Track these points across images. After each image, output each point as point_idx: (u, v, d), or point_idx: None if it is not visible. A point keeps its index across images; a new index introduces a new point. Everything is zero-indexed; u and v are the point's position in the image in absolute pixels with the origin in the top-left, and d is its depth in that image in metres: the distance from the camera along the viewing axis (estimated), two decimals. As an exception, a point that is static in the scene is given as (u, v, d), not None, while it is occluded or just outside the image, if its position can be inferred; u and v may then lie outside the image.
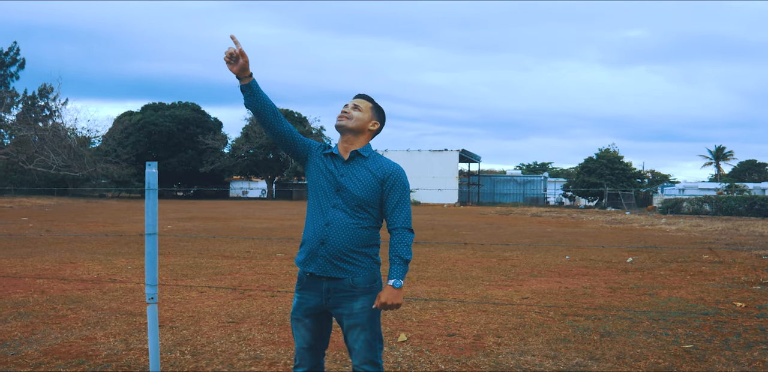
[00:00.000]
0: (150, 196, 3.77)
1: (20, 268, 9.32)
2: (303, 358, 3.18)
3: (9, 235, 14.90)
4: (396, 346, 5.13)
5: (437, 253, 12.37)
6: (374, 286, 3.07)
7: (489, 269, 10.04)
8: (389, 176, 3.06)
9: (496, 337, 5.44)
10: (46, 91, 55.56)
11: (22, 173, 50.96)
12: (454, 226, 21.91)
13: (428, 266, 10.29)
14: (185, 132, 60.45)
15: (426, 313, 6.42)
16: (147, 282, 3.81)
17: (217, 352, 4.87)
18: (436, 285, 8.37)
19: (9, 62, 57.13)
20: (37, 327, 5.57)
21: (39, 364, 4.46)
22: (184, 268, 9.68)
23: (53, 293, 7.22)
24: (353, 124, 3.10)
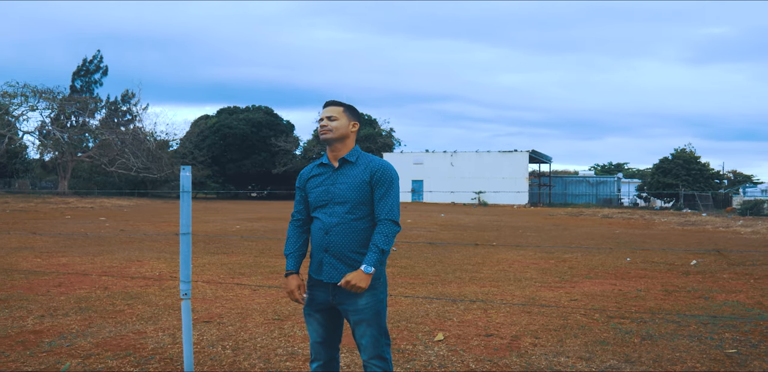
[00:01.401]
0: (184, 198, 3.97)
1: (90, 265, 9.81)
2: (317, 352, 3.32)
3: (86, 234, 15.63)
4: (431, 345, 5.20)
5: (495, 254, 12.34)
6: (378, 283, 3.18)
7: (544, 271, 9.98)
8: (375, 172, 3.17)
9: (533, 338, 5.45)
10: (128, 97, 57.89)
11: (105, 175, 53.13)
12: (520, 227, 21.72)
13: (483, 267, 10.30)
14: (258, 135, 61.74)
15: (469, 314, 6.47)
16: (181, 279, 4.01)
17: (257, 347, 5.05)
18: (486, 286, 8.39)
19: (93, 70, 59.76)
20: (94, 321, 5.90)
21: (89, 355, 4.74)
22: (243, 266, 9.98)
23: (115, 289, 7.59)
24: (336, 134, 3.24)
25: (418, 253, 12.43)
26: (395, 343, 5.24)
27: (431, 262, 10.85)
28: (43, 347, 4.93)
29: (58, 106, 49.57)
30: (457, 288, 8.19)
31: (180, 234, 4.01)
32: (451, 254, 12.21)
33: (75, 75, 59.23)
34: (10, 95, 46.67)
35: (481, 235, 17.72)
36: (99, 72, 59.89)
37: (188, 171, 3.98)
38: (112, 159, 49.01)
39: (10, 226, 18.35)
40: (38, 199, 35.71)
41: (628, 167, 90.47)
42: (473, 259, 11.35)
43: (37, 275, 8.62)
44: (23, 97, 47.27)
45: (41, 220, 21.53)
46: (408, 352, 4.98)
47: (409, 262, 10.92)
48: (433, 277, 9.17)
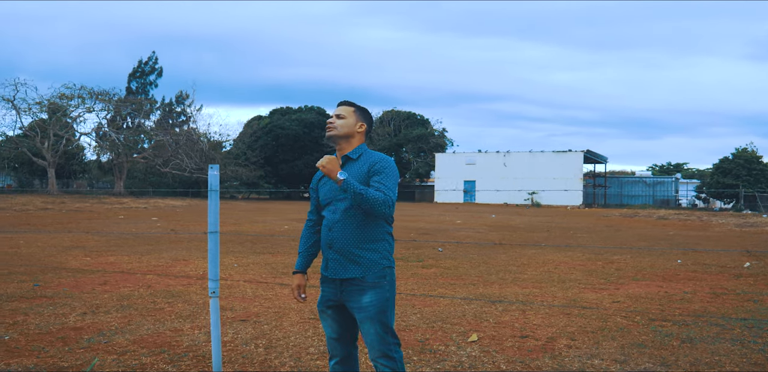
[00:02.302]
0: (212, 197, 4.01)
1: (136, 264, 10.01)
2: (334, 349, 3.34)
3: (137, 234, 15.98)
4: (464, 345, 5.14)
5: (542, 255, 12.17)
6: (383, 281, 3.17)
7: (590, 272, 9.79)
8: (374, 164, 3.17)
9: (569, 340, 5.34)
10: (182, 98, 58.97)
11: (159, 176, 54.26)
12: (571, 228, 21.39)
13: (528, 268, 10.16)
14: (310, 135, 62.21)
15: (506, 315, 6.38)
16: (209, 277, 4.05)
17: (289, 345, 5.07)
18: (528, 287, 8.27)
19: (148, 71, 61.01)
20: (133, 318, 6.01)
21: (125, 351, 4.83)
22: (286, 266, 10.05)
23: (158, 288, 7.73)
24: (340, 132, 3.27)
25: (463, 253, 12.34)
26: (428, 343, 5.20)
27: (476, 263, 10.76)
28: (81, 343, 5.04)
29: (114, 108, 50.80)
30: (498, 289, 8.10)
31: (208, 232, 4.05)
32: (497, 255, 12.08)
33: (131, 77, 60.59)
34: (68, 97, 48.00)
35: (530, 236, 17.50)
36: (154, 73, 61.11)
37: (216, 170, 4.02)
38: (167, 160, 50.01)
39: (64, 226, 18.89)
40: (94, 200, 36.69)
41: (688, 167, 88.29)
42: (519, 260, 11.21)
43: (85, 273, 8.84)
44: (80, 98, 48.59)
45: (95, 220, 22.11)
46: (440, 352, 4.93)
47: (454, 262, 10.84)
48: (476, 278, 9.09)
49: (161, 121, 54.68)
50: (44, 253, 11.30)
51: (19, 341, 5.08)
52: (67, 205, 31.52)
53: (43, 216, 24.28)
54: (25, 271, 8.91)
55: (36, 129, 47.45)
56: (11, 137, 49.59)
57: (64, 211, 27.51)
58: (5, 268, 9.17)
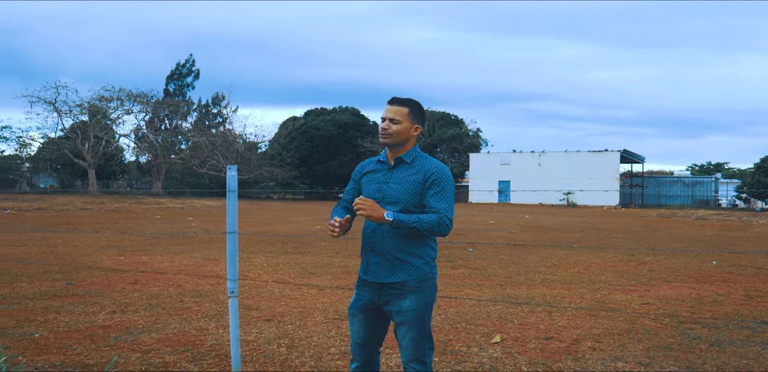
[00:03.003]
0: (230, 197, 4.05)
1: (168, 263, 10.16)
2: (356, 353, 3.30)
3: (171, 234, 16.21)
4: (486, 346, 5.12)
5: (573, 256, 12.04)
6: (424, 285, 3.13)
7: (621, 273, 9.66)
8: (431, 175, 3.09)
9: (594, 342, 5.28)
10: (219, 100, 59.68)
11: (196, 176, 54.98)
12: (606, 229, 21.13)
13: (558, 269, 10.07)
14: (345, 136, 62.43)
15: (532, 316, 6.33)
16: (228, 277, 4.08)
17: (311, 345, 5.10)
18: (557, 288, 8.19)
19: (186, 73, 61.87)
20: (161, 317, 6.09)
21: (150, 350, 4.90)
22: (315, 266, 10.10)
23: (186, 287, 7.83)
24: (395, 139, 3.15)
25: (494, 254, 12.27)
26: (450, 344, 5.19)
27: (505, 264, 10.69)
28: (108, 342, 5.13)
29: (152, 110, 51.61)
30: (526, 290, 8.03)
31: (227, 232, 4.09)
32: (527, 256, 11.99)
33: (168, 79, 61.51)
34: (107, 99, 48.94)
35: (563, 236, 17.34)
36: (191, 75, 61.95)
37: (234, 171, 4.06)
38: (203, 160, 50.65)
39: (102, 226, 19.24)
40: (132, 200, 37.29)
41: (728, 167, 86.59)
42: (549, 261, 11.11)
43: (117, 273, 8.99)
44: (119, 101, 49.49)
45: (132, 220, 22.47)
46: (462, 353, 4.91)
47: (483, 263, 10.79)
48: (504, 278, 9.03)
49: (198, 123, 55.42)
50: (80, 253, 11.52)
51: (48, 339, 5.19)
52: (106, 205, 32.09)
53: (82, 216, 24.76)
54: (60, 270, 9.10)
55: (77, 131, 48.45)
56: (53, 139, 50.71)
57: (102, 211, 28.01)
58: (41, 267, 9.37)
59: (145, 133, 51.02)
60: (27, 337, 5.21)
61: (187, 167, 53.33)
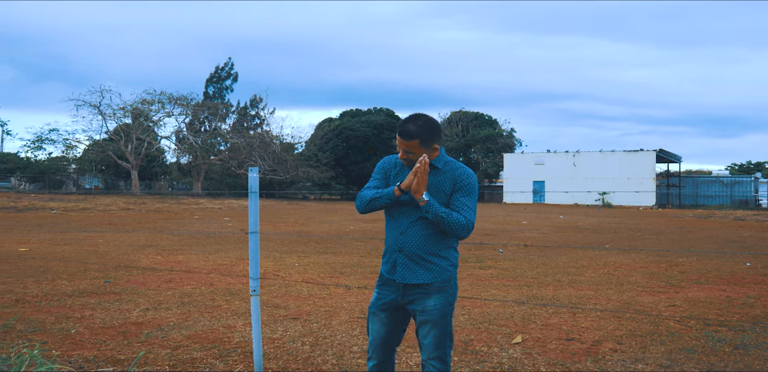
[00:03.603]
0: (252, 198, 4.20)
1: (203, 262, 10.40)
2: (375, 351, 3.41)
3: (208, 234, 16.52)
4: (507, 347, 5.19)
5: (604, 257, 12.00)
6: (448, 285, 3.25)
7: (651, 275, 9.61)
8: (458, 179, 3.22)
9: (616, 344, 5.31)
10: (256, 102, 60.38)
11: (235, 177, 55.63)
12: (639, 229, 20.92)
13: (587, 270, 10.06)
14: (380, 137, 62.60)
15: (555, 317, 6.37)
16: (250, 276, 4.23)
17: (334, 344, 5.23)
18: (584, 289, 8.20)
19: (225, 76, 62.71)
20: (191, 315, 6.28)
21: (179, 346, 5.08)
22: (345, 266, 10.24)
23: (218, 286, 8.03)
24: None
25: (523, 255, 12.29)
26: (471, 344, 5.27)
27: (534, 265, 10.71)
28: (140, 338, 5.33)
29: (192, 112, 52.45)
30: (552, 291, 8.06)
31: (249, 232, 4.24)
32: (557, 256, 11.98)
33: (208, 82, 62.42)
34: (149, 102, 49.88)
35: (595, 237, 17.24)
36: (230, 78, 62.76)
37: (255, 172, 4.21)
38: (241, 162, 51.26)
39: (142, 225, 19.67)
40: (173, 200, 37.95)
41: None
42: (579, 262, 11.10)
43: (153, 271, 9.24)
44: (160, 103, 50.39)
45: (171, 220, 22.92)
46: (482, 353, 4.99)
47: (512, 264, 10.82)
48: (531, 279, 9.06)
49: (236, 125, 56.14)
50: (119, 252, 11.84)
51: (83, 334, 5.41)
52: (147, 205, 32.72)
53: (124, 216, 25.32)
54: (99, 269, 9.39)
55: (120, 133, 49.46)
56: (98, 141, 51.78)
57: (143, 212, 28.59)
58: (82, 266, 9.68)
59: (186, 135, 51.81)
60: (64, 333, 5.44)
61: (225, 168, 54.01)
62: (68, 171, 59.61)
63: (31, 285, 7.89)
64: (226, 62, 62.90)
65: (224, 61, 63.79)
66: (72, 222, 21.15)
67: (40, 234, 15.88)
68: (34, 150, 51.94)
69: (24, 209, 27.93)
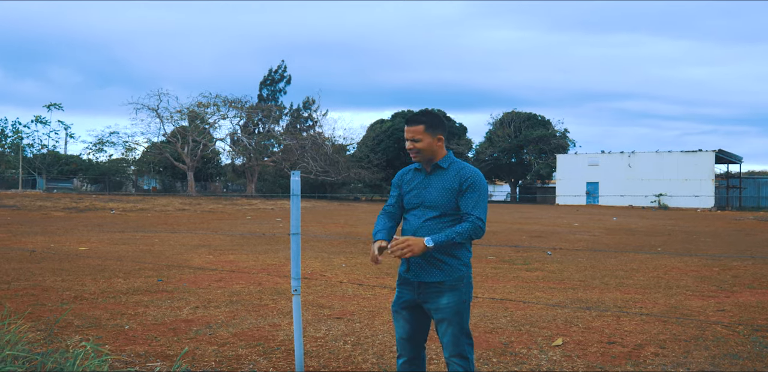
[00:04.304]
0: (294, 201, 4.33)
1: (253, 262, 10.63)
2: (403, 348, 3.52)
3: (259, 234, 16.83)
4: (547, 349, 5.21)
5: (655, 260, 11.83)
6: (460, 284, 3.33)
7: (702, 279, 9.45)
8: (466, 180, 3.31)
9: (658, 348, 5.28)
10: (309, 104, 61.04)
11: (287, 179, 56.32)
12: (695, 232, 20.48)
13: (636, 273, 9.94)
14: (432, 138, 62.56)
15: (598, 320, 6.35)
16: (292, 276, 4.36)
17: (376, 343, 5.33)
18: (631, 292, 8.13)
19: (278, 79, 63.57)
20: (239, 313, 6.47)
21: (225, 343, 5.26)
22: (391, 267, 10.34)
23: (266, 285, 8.22)
24: (423, 155, 3.39)
25: (572, 257, 12.19)
26: (511, 345, 5.31)
27: (582, 267, 10.63)
28: (189, 334, 5.52)
29: (246, 115, 53.37)
30: (598, 294, 8.01)
31: (291, 234, 4.37)
32: (606, 259, 11.86)
33: (262, 84, 63.38)
34: (204, 105, 50.98)
35: (648, 240, 16.96)
36: (283, 81, 63.61)
37: (297, 176, 4.35)
38: (294, 163, 51.94)
39: (197, 226, 20.15)
40: (227, 201, 38.68)
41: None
42: (628, 265, 10.97)
43: (204, 271, 9.51)
44: (215, 106, 51.44)
45: (224, 221, 23.39)
46: (521, 355, 5.03)
47: (559, 266, 10.77)
48: (578, 282, 9.02)
49: (289, 127, 56.88)
50: (173, 251, 12.19)
51: (136, 330, 5.63)
52: (202, 206, 33.44)
53: (180, 216, 25.94)
54: (153, 268, 9.70)
55: (177, 135, 50.67)
56: (156, 143, 53.12)
57: (198, 212, 29.24)
58: (137, 265, 10.01)
59: (240, 137, 52.78)
60: (118, 328, 5.68)
61: (278, 170, 54.80)
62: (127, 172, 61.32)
63: (89, 283, 8.22)
64: (279, 65, 63.80)
65: (277, 64, 64.76)
66: (130, 222, 21.79)
67: (100, 234, 16.43)
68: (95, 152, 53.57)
69: (85, 210, 28.87)
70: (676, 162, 49.80)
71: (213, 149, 54.79)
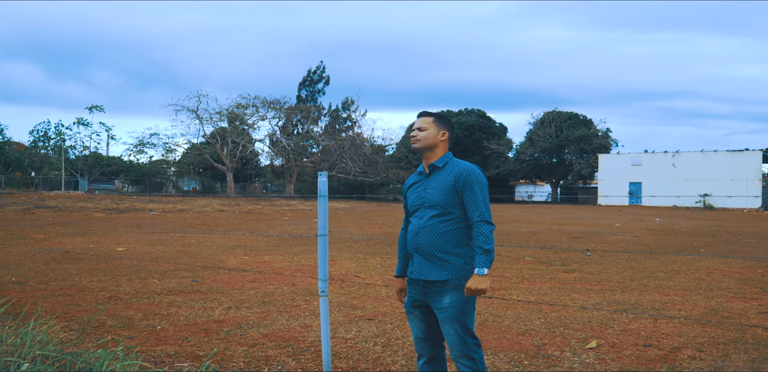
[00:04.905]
0: (321, 202, 4.30)
1: (287, 263, 10.67)
2: (421, 348, 3.51)
3: (296, 235, 16.91)
4: (580, 352, 5.10)
5: (697, 261, 11.55)
6: (463, 283, 3.30)
7: (745, 281, 9.19)
8: (459, 176, 3.32)
9: (695, 351, 5.13)
10: (348, 104, 61.29)
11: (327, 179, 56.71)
12: (740, 233, 19.98)
13: (677, 275, 9.72)
14: (471, 138, 62.36)
15: (635, 322, 6.21)
16: (319, 277, 4.34)
17: (406, 345, 5.28)
18: (670, 294, 7.94)
19: (317, 80, 63.98)
20: (271, 314, 6.48)
21: (255, 344, 5.26)
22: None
23: (300, 286, 8.23)
24: (424, 143, 3.44)
25: (612, 259, 11.97)
26: (544, 348, 5.21)
27: (621, 269, 10.43)
28: (220, 335, 5.54)
29: (285, 116, 53.78)
30: (636, 296, 7.84)
31: (318, 235, 4.35)
32: (647, 261, 11.62)
33: (301, 85, 63.89)
34: (243, 106, 51.51)
35: (691, 241, 16.58)
36: (322, 82, 64.03)
37: (324, 177, 4.31)
38: (332, 164, 52.19)
39: (234, 227, 20.33)
40: (266, 202, 38.99)
41: None
42: (669, 267, 10.72)
43: (239, 271, 9.56)
44: (254, 107, 51.95)
45: (262, 221, 23.56)
46: (553, 358, 4.94)
47: (598, 267, 10.58)
48: (616, 284, 8.84)
49: (328, 127, 57.16)
50: (209, 252, 12.30)
51: (168, 331, 5.67)
52: (241, 207, 33.76)
53: (218, 217, 26.22)
54: (189, 268, 9.79)
55: (216, 136, 51.29)
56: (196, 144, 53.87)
57: (237, 213, 29.52)
58: (173, 265, 10.12)
59: (279, 137, 53.20)
60: (150, 329, 5.73)
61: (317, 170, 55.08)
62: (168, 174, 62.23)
63: (124, 283, 8.33)
64: (318, 66, 64.20)
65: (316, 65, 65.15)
66: (168, 223, 22.09)
67: (138, 234, 16.67)
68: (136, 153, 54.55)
69: (125, 211, 29.37)
70: (722, 161, 48.73)
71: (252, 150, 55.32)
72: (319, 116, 58.62)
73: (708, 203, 46.41)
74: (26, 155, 53.58)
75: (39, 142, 55.11)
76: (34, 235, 16.12)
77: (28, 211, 26.96)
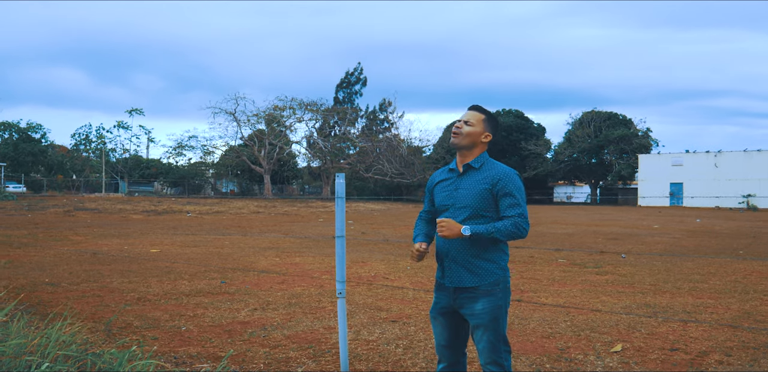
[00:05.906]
0: (339, 203, 4.30)
1: (317, 265, 10.70)
2: (442, 355, 3.43)
3: (329, 237, 16.96)
4: (604, 355, 5.02)
5: (734, 264, 11.29)
6: (496, 289, 3.22)
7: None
8: (498, 181, 3.19)
9: (723, 356, 5.01)
10: (385, 106, 61.35)
11: (363, 181, 56.83)
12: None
13: (712, 277, 9.51)
14: (509, 139, 61.91)
15: (663, 326, 6.09)
16: (337, 279, 4.34)
17: (427, 347, 5.26)
18: (703, 297, 7.77)
19: (354, 81, 64.20)
20: (295, 315, 6.50)
21: (277, 345, 5.28)
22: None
23: (327, 288, 8.25)
24: (465, 141, 3.29)
25: (647, 260, 11.77)
26: (567, 351, 5.14)
27: (655, 271, 10.25)
28: (243, 336, 5.58)
29: (322, 117, 54.09)
30: (668, 298, 7.69)
31: (335, 237, 4.35)
32: (683, 263, 11.39)
33: (338, 87, 64.17)
34: (281, 108, 51.94)
35: (731, 242, 16.22)
36: (359, 83, 64.25)
37: (342, 178, 4.31)
38: (369, 165, 52.32)
39: (269, 228, 20.49)
40: (302, 204, 39.24)
41: None
42: (705, 269, 10.50)
43: (268, 273, 9.63)
44: (291, 109, 52.34)
45: (297, 223, 23.70)
46: (576, 361, 4.86)
47: (632, 269, 10.41)
48: (649, 286, 8.68)
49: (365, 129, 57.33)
50: (241, 253, 12.41)
51: (192, 332, 5.73)
52: (277, 208, 34.02)
53: (254, 219, 26.45)
54: (219, 270, 9.89)
55: (254, 139, 51.80)
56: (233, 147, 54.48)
57: (272, 215, 29.75)
58: (203, 267, 10.23)
59: (316, 139, 53.53)
60: (175, 330, 5.80)
61: (354, 172, 55.27)
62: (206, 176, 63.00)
63: (154, 284, 8.44)
64: (355, 67, 64.46)
65: (354, 67, 65.34)
66: (204, 225, 22.36)
67: (173, 236, 16.90)
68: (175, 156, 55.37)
69: (162, 212, 29.81)
70: (766, 161, 47.58)
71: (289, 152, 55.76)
72: (356, 118, 58.81)
73: (752, 204, 45.36)
74: (68, 158, 54.79)
75: (80, 145, 56.29)
76: (72, 236, 16.46)
77: (68, 213, 27.56)
